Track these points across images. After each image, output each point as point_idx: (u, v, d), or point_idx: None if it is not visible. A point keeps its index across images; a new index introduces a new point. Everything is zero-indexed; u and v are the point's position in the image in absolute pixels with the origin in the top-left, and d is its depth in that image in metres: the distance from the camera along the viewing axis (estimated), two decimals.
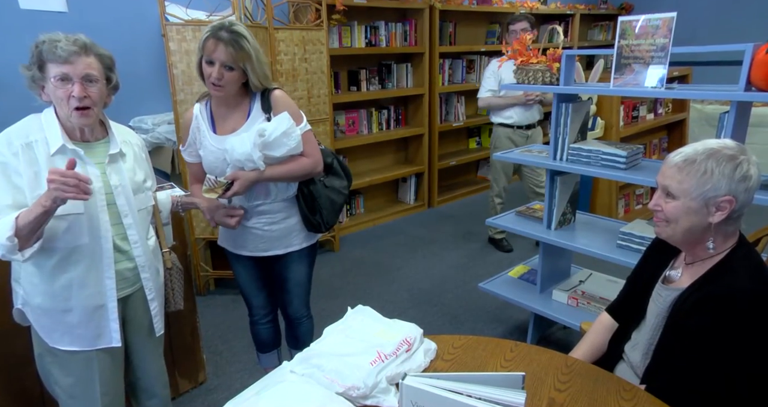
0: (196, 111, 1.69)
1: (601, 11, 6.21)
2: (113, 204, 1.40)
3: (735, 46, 1.66)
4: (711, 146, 1.13)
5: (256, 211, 1.75)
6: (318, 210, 1.77)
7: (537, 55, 2.25)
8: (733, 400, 1.13)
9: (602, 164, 2.10)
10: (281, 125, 1.61)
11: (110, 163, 1.41)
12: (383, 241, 3.99)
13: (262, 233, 1.77)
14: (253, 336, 2.08)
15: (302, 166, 1.70)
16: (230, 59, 1.54)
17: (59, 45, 1.25)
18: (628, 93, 2.00)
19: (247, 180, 1.60)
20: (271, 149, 1.61)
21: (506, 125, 3.53)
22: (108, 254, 1.39)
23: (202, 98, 1.73)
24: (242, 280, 1.92)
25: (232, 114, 1.67)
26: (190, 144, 1.72)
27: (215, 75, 1.56)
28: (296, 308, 1.96)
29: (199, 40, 1.57)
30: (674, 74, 4.23)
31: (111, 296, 1.41)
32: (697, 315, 1.13)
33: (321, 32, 3.40)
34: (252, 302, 1.98)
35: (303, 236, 1.83)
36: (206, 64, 1.56)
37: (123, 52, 3.07)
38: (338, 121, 4.09)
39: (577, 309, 2.32)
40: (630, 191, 4.26)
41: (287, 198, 1.76)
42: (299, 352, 1.23)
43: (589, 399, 1.12)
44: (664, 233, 1.21)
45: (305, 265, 1.89)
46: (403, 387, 0.82)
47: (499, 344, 1.33)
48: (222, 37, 1.53)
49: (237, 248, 1.83)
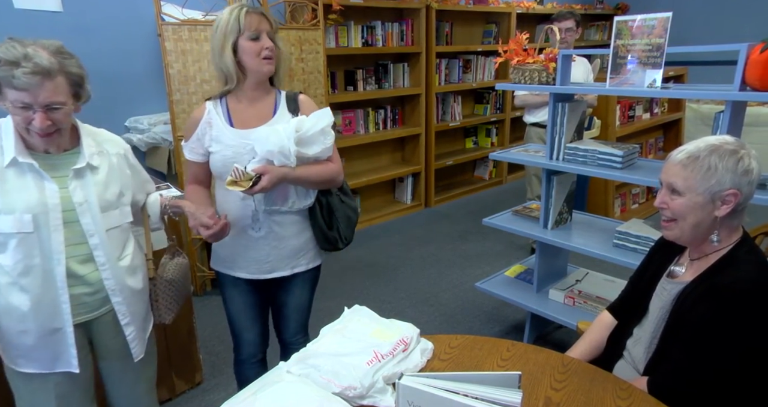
0: (209, 106, 1.54)
1: (597, 11, 6.23)
2: (76, 222, 1.27)
3: (730, 46, 1.67)
4: (712, 143, 1.16)
5: (268, 220, 1.55)
6: (336, 225, 1.63)
7: (533, 55, 2.26)
8: (733, 390, 1.14)
9: (598, 163, 2.10)
10: (321, 121, 1.48)
11: (75, 177, 1.27)
12: (380, 241, 3.99)
13: (269, 249, 1.58)
14: (237, 375, 1.82)
15: (330, 171, 1.57)
16: (272, 30, 1.47)
17: (17, 74, 1.10)
18: (624, 93, 2.01)
19: (276, 176, 1.42)
20: (306, 145, 1.47)
21: (539, 125, 3.37)
22: (61, 277, 1.26)
23: (215, 96, 1.57)
24: (235, 309, 1.69)
25: (254, 110, 1.54)
26: (196, 140, 1.55)
27: (269, 44, 1.45)
28: (293, 332, 1.75)
29: (229, 22, 1.42)
30: (670, 74, 4.25)
31: (68, 321, 1.29)
32: (700, 306, 1.15)
33: (317, 32, 3.39)
34: (243, 338, 1.72)
35: (312, 255, 1.67)
36: (250, 41, 1.43)
37: (118, 52, 3.09)
38: (335, 121, 4.08)
39: (574, 308, 2.32)
40: (626, 191, 4.27)
41: (303, 209, 1.59)
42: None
43: (585, 398, 1.12)
44: (672, 234, 1.23)
45: (308, 289, 1.72)
46: (399, 387, 0.82)
47: (495, 343, 1.33)
48: (257, 9, 1.46)
49: (235, 269, 1.62)
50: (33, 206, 1.22)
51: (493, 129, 5.41)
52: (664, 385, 1.18)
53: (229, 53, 1.44)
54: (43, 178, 1.24)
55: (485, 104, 5.27)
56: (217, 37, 1.45)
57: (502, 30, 5.18)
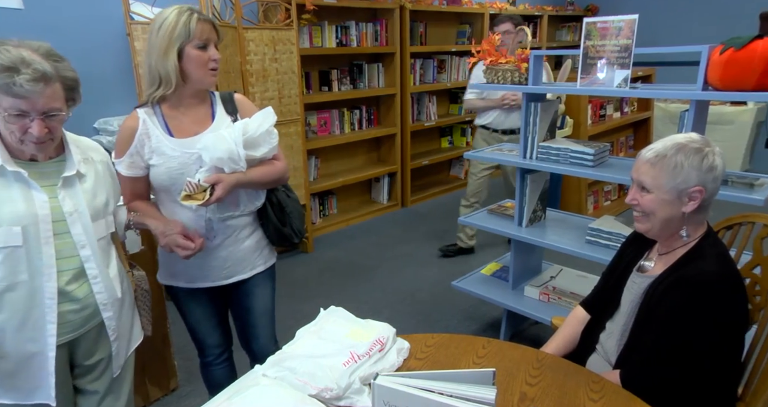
0: (142, 116, 1.42)
1: (568, 13, 6.34)
2: (66, 234, 1.20)
3: (692, 48, 1.72)
4: (679, 141, 1.20)
5: (222, 227, 1.51)
6: (288, 221, 1.62)
7: (506, 55, 2.29)
8: (700, 378, 1.18)
9: (571, 161, 2.14)
10: (266, 121, 1.45)
11: (64, 186, 1.21)
12: (357, 241, 3.98)
13: (226, 255, 1.54)
14: (206, 379, 1.79)
15: (278, 170, 1.55)
16: (219, 40, 1.42)
17: (18, 81, 1.03)
18: (594, 92, 2.05)
19: (230, 184, 1.39)
20: (253, 147, 1.44)
21: (484, 127, 3.46)
22: (50, 294, 1.18)
23: (146, 103, 1.44)
24: (195, 319, 1.64)
25: (191, 116, 1.47)
26: (133, 154, 1.43)
27: (216, 56, 1.40)
28: (264, 342, 1.69)
29: (178, 26, 1.34)
30: (638, 74, 4.35)
31: (50, 344, 1.20)
32: (668, 298, 1.19)
33: (291, 32, 3.37)
34: (206, 342, 1.70)
35: (267, 252, 1.66)
36: (198, 50, 1.37)
37: (85, 52, 3.00)
38: (310, 121, 4.07)
39: (549, 304, 2.36)
40: (599, 188, 4.36)
41: (253, 210, 1.57)
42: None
43: (559, 392, 1.14)
44: (644, 226, 1.27)
45: (269, 288, 1.69)
46: (374, 387, 0.82)
47: (471, 341, 1.34)
48: (208, 18, 1.40)
49: (194, 280, 1.56)
50: (21, 217, 1.13)
51: (468, 129, 5.46)
52: (635, 377, 1.20)
53: (173, 58, 1.35)
54: (30, 187, 1.16)
55: (460, 103, 5.30)
56: (160, 39, 1.35)
57: (475, 30, 5.23)
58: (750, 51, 1.55)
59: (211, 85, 1.46)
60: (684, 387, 1.19)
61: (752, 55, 1.54)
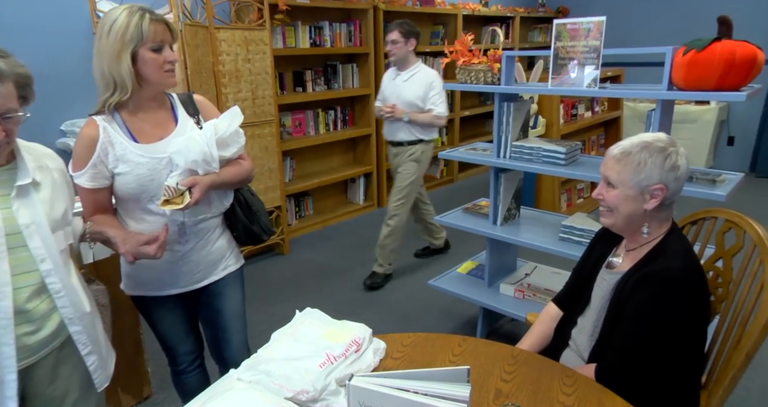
0: (101, 124, 1.34)
1: (539, 14, 6.44)
2: (22, 247, 1.10)
3: (657, 49, 1.77)
4: (645, 139, 1.23)
5: (194, 230, 1.48)
6: (256, 219, 1.61)
7: (478, 55, 2.31)
8: (668, 370, 1.22)
9: (543, 160, 2.17)
10: (234, 121, 1.44)
11: (19, 196, 1.11)
12: (334, 242, 3.97)
13: (199, 258, 1.51)
14: (178, 388, 1.75)
15: (246, 169, 1.54)
16: (174, 40, 1.37)
17: None
18: (564, 92, 2.09)
19: (206, 185, 1.36)
20: (224, 148, 1.43)
21: (424, 142, 3.21)
22: (5, 313, 1.07)
23: (102, 110, 1.36)
24: (166, 327, 1.60)
25: (152, 120, 1.41)
26: (96, 164, 1.35)
27: (173, 58, 1.35)
28: (236, 349, 1.63)
29: (129, 28, 1.27)
30: (608, 74, 4.45)
31: (9, 366, 1.09)
32: (635, 294, 1.22)
33: (264, 32, 3.34)
34: (178, 350, 1.65)
35: (236, 253, 1.64)
36: (152, 52, 1.31)
37: (50, 52, 2.92)
38: (284, 122, 4.04)
39: (524, 301, 2.39)
40: (572, 186, 4.44)
41: (223, 211, 1.55)
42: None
43: (533, 387, 1.16)
44: (608, 221, 1.31)
45: (239, 289, 1.65)
46: (349, 388, 0.82)
47: (447, 339, 1.35)
48: (160, 18, 1.33)
49: (165, 287, 1.51)
50: None
51: (443, 128, 5.49)
52: (610, 373, 1.23)
53: (127, 62, 1.28)
54: None
55: None
56: (111, 42, 1.27)
57: (449, 31, 5.27)
58: (710, 53, 1.60)
59: (170, 87, 1.40)
60: (654, 379, 1.22)
61: (712, 57, 1.60)
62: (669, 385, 1.25)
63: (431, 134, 3.21)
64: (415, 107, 3.06)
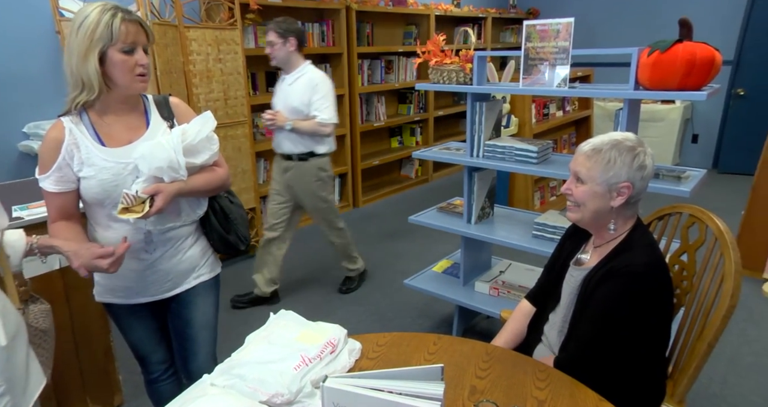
0: (68, 125, 1.29)
1: (511, 15, 6.53)
2: None
3: (623, 50, 1.81)
4: (615, 138, 1.26)
5: (162, 239, 1.42)
6: (233, 228, 1.55)
7: (451, 56, 2.33)
8: (635, 361, 1.26)
9: (516, 159, 2.20)
10: (205, 127, 1.38)
11: None
12: (309, 243, 3.94)
13: (169, 267, 1.46)
14: (151, 396, 1.71)
15: (219, 177, 1.48)
16: (149, 42, 1.31)
17: None
18: (535, 92, 2.12)
19: (170, 194, 1.30)
20: (193, 155, 1.37)
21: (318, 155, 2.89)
22: None
23: (70, 111, 1.30)
24: (137, 336, 1.55)
25: (122, 123, 1.36)
26: (61, 167, 1.30)
27: (145, 61, 1.28)
28: (202, 361, 1.56)
29: (99, 26, 1.21)
30: (578, 74, 4.53)
31: None
32: (600, 289, 1.25)
33: (235, 32, 3.30)
34: (150, 359, 1.62)
35: (212, 261, 1.58)
36: (123, 54, 1.25)
37: (10, 51, 2.82)
38: (257, 123, 3.99)
39: (498, 298, 2.42)
40: (545, 184, 4.51)
41: (196, 219, 1.50)
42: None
43: (508, 383, 1.17)
44: (575, 216, 1.33)
45: (212, 299, 1.59)
46: (323, 390, 0.82)
47: (422, 338, 1.35)
48: (135, 18, 1.27)
49: (133, 296, 1.47)
50: None
51: (418, 128, 5.52)
52: (565, 362, 1.28)
53: (94, 62, 1.22)
54: None
55: (408, 103, 5.36)
56: (80, 40, 1.22)
57: (421, 31, 5.29)
58: (672, 54, 1.65)
59: (139, 92, 1.35)
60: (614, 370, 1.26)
61: (674, 58, 1.65)
62: (634, 376, 1.29)
63: (324, 146, 2.83)
64: (301, 113, 2.70)
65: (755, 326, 2.66)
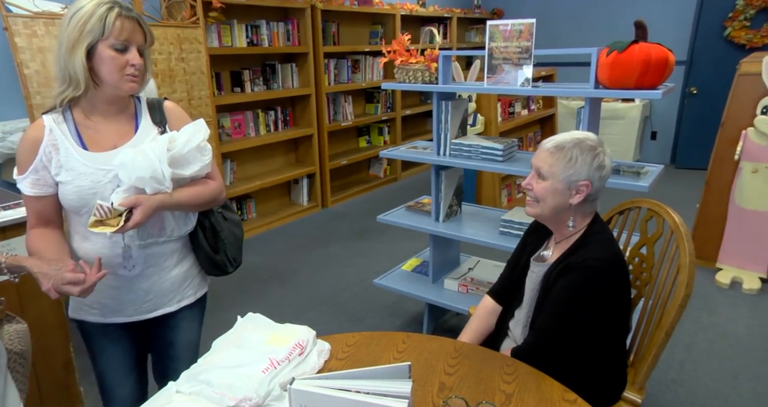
0: (48, 124, 1.21)
1: (476, 15, 6.61)
2: None
3: (584, 50, 1.86)
4: (577, 137, 1.30)
5: (143, 255, 1.30)
6: (222, 247, 1.43)
7: (416, 55, 2.34)
8: (592, 351, 1.30)
9: (482, 157, 2.23)
10: (196, 136, 1.26)
11: None
12: (278, 245, 3.90)
13: (149, 286, 1.33)
14: None
15: (211, 190, 1.35)
16: (145, 42, 1.22)
17: None
18: (500, 91, 2.15)
19: (150, 207, 1.18)
20: (181, 165, 1.25)
21: None
22: None
23: (55, 108, 1.24)
24: (106, 362, 1.40)
25: (109, 126, 1.26)
26: (38, 169, 1.21)
27: (137, 62, 1.19)
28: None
29: (91, 19, 1.13)
30: (542, 74, 4.63)
31: None
32: (558, 283, 1.29)
33: (198, 30, 3.23)
34: (115, 395, 1.43)
35: (198, 281, 1.46)
36: (114, 51, 1.16)
37: None
38: (223, 124, 3.93)
39: (467, 295, 2.45)
40: (511, 181, 4.58)
41: (183, 235, 1.37)
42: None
43: (476, 378, 1.19)
44: (534, 211, 1.36)
45: (198, 321, 1.49)
46: (290, 392, 0.81)
47: (391, 337, 1.35)
48: (132, 13, 1.18)
49: (107, 314, 1.34)
50: None
51: (385, 128, 5.53)
52: (521, 352, 1.31)
53: (81, 56, 1.14)
54: None
55: (376, 103, 5.36)
56: (70, 31, 1.15)
57: (387, 31, 5.30)
58: (629, 54, 1.70)
59: (128, 93, 1.24)
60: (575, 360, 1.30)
61: (631, 58, 1.70)
62: (595, 366, 1.33)
63: None
64: None
65: (709, 313, 2.78)
